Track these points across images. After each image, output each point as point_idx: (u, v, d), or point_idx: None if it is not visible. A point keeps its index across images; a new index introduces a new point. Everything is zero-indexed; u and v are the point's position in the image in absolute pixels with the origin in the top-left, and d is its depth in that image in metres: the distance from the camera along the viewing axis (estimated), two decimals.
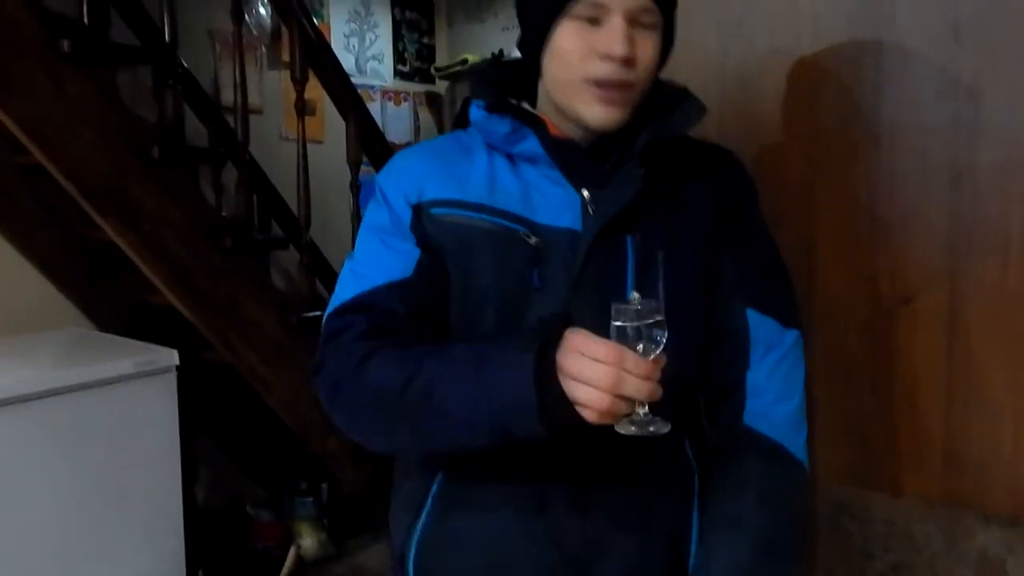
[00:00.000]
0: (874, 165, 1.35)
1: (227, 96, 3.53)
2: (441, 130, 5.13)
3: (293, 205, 3.10)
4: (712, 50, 1.52)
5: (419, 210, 1.05)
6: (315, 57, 2.80)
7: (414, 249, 1.04)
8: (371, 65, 4.80)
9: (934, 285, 1.31)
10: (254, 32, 3.98)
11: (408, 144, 4.90)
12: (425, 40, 5.13)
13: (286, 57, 3.34)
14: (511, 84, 1.11)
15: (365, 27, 4.76)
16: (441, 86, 5.17)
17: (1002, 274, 1.25)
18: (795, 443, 1.10)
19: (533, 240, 1.00)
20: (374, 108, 4.62)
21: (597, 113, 1.00)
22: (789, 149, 1.45)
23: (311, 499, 3.18)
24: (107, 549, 2.18)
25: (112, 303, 2.91)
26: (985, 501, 1.28)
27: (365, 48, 4.76)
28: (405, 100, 4.99)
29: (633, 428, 0.85)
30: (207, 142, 3.31)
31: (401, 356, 0.97)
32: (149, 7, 3.01)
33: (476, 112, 1.07)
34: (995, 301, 1.26)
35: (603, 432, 0.86)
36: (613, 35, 0.96)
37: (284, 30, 2.89)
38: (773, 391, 1.09)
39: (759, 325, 1.09)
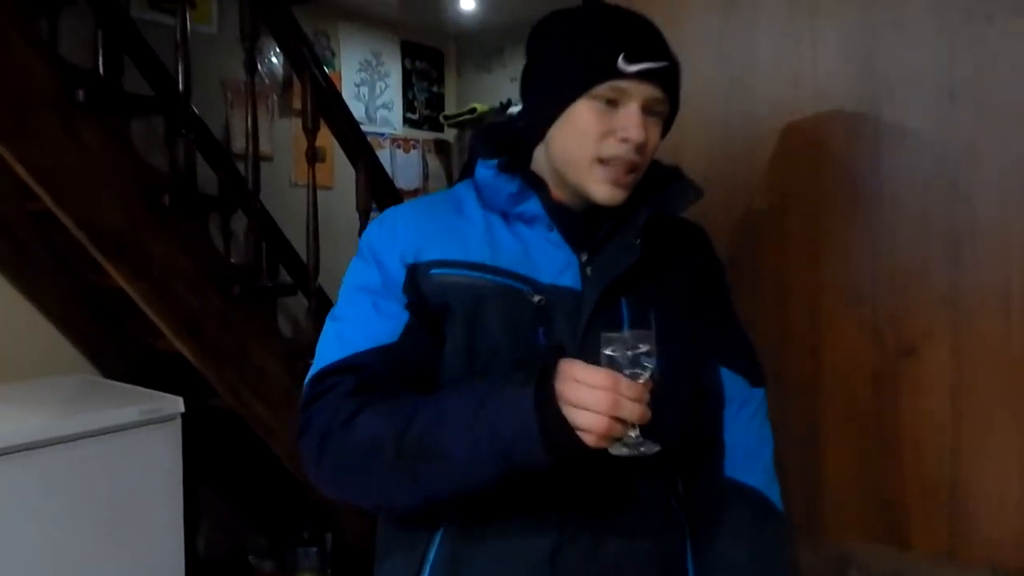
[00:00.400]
0: (876, 224, 1.38)
1: (238, 143, 3.56)
2: (450, 177, 5.18)
3: (302, 251, 3.11)
4: (717, 108, 1.55)
5: (415, 270, 1.05)
6: (327, 107, 2.83)
7: (403, 312, 1.04)
8: (381, 113, 4.85)
9: (937, 339, 1.33)
10: (266, 81, 4.04)
11: (417, 191, 4.94)
12: (434, 89, 5.20)
13: (297, 104, 3.37)
14: (511, 142, 1.13)
15: (375, 76, 4.82)
16: (450, 134, 5.24)
17: (1005, 329, 1.28)
18: (774, 494, 1.16)
19: (537, 299, 1.03)
20: (383, 155, 4.66)
21: (605, 192, 1.04)
22: (792, 207, 1.48)
23: (314, 549, 3.13)
24: None
25: (118, 349, 2.91)
26: (993, 555, 1.29)
27: (375, 96, 4.82)
28: (414, 147, 5.03)
29: (625, 449, 0.90)
30: (217, 189, 3.33)
31: (392, 406, 0.97)
32: (163, 56, 3.05)
33: (484, 171, 1.09)
34: (998, 357, 1.29)
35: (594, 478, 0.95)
36: (632, 120, 1.01)
37: (295, 79, 2.92)
38: (749, 444, 1.16)
39: (732, 383, 1.16)
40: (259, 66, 3.54)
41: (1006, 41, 1.26)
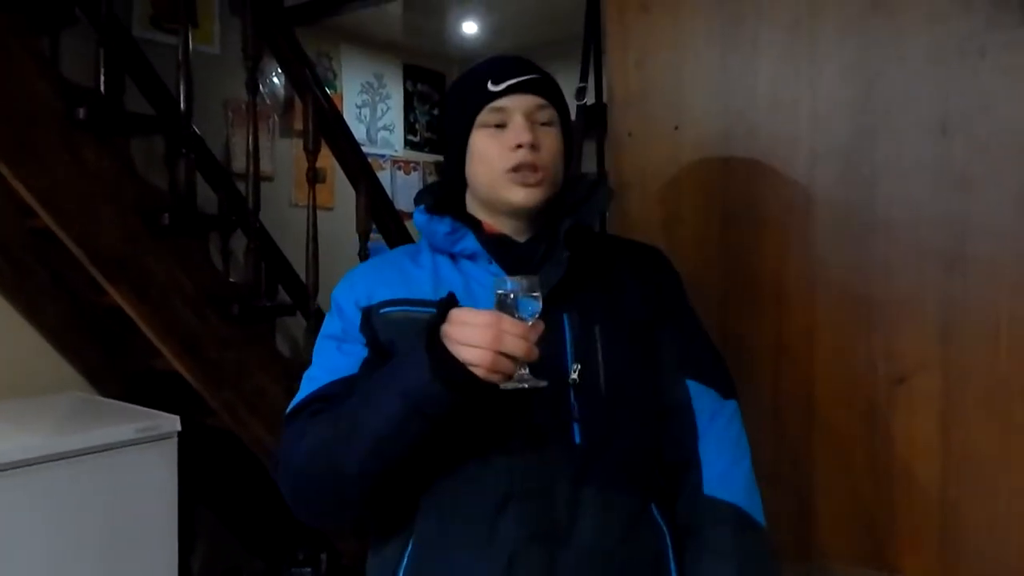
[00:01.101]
0: (870, 252, 1.40)
1: (239, 163, 3.58)
2: None
3: (301, 271, 3.12)
4: (716, 138, 1.57)
5: (368, 312, 1.15)
6: (328, 128, 2.85)
7: (362, 350, 1.15)
8: (382, 135, 4.88)
9: (928, 368, 1.36)
10: (267, 101, 4.06)
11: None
12: (435, 111, 5.22)
13: (298, 125, 3.39)
14: (450, 197, 1.24)
15: (377, 98, 4.85)
16: None
17: (994, 358, 1.30)
18: (754, 507, 1.17)
19: None
20: (384, 177, 4.68)
21: (520, 195, 1.14)
22: (789, 234, 1.49)
23: (309, 570, 3.11)
24: None
25: (115, 368, 2.90)
26: None
27: (376, 118, 4.84)
28: (415, 169, 5.05)
29: (514, 384, 0.97)
30: (217, 208, 3.34)
31: (333, 416, 1.07)
32: (165, 76, 3.07)
33: (419, 216, 1.20)
34: (987, 385, 1.32)
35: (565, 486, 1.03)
36: (517, 128, 1.13)
37: (297, 100, 2.94)
38: (724, 457, 1.17)
39: (700, 396, 1.19)
40: (261, 87, 3.56)
41: (998, 76, 1.29)
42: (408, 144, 5.04)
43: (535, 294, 0.98)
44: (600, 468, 1.09)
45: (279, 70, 3.98)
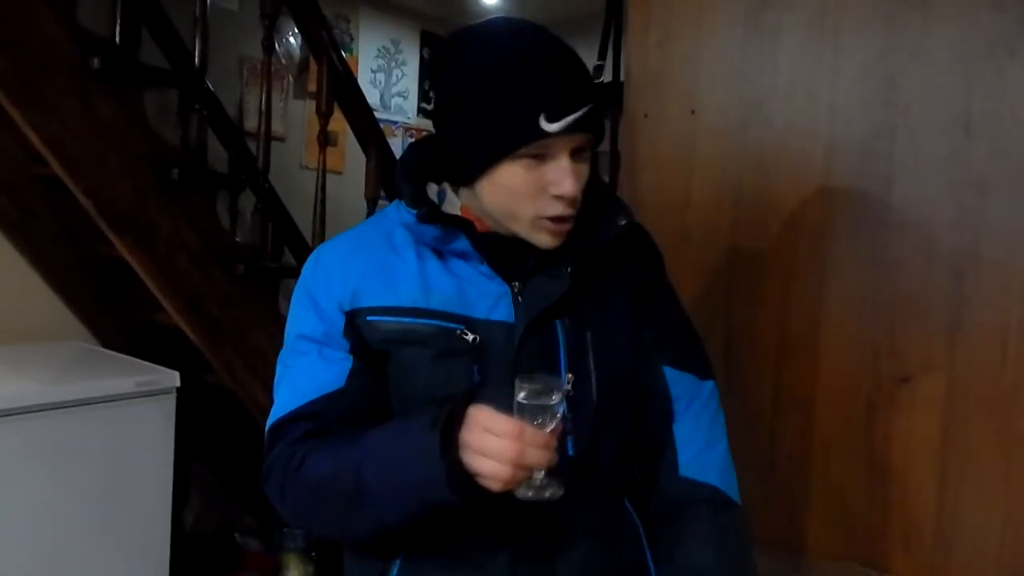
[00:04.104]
0: (882, 250, 1.39)
1: (251, 122, 3.56)
2: None
3: (307, 234, 3.11)
4: (732, 125, 1.55)
5: (353, 317, 1.07)
6: (342, 92, 2.83)
7: (347, 358, 1.08)
8: (396, 101, 4.85)
9: (933, 369, 1.34)
10: (283, 61, 4.03)
11: None
12: None
13: (312, 87, 3.37)
14: (432, 165, 1.12)
15: (393, 64, 4.81)
16: None
17: (999, 365, 1.29)
18: (730, 486, 1.16)
19: (471, 337, 1.05)
20: (395, 144, 4.65)
21: (546, 241, 1.05)
22: (801, 226, 1.48)
23: (300, 531, 3.13)
24: (90, 569, 2.14)
25: (117, 320, 2.91)
26: None
27: (391, 84, 4.81)
28: None
29: (530, 493, 0.93)
30: (227, 166, 3.32)
31: (334, 450, 1.02)
32: (181, 30, 3.05)
33: (405, 216, 1.07)
34: (991, 391, 1.31)
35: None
36: (563, 174, 1.00)
37: (312, 61, 2.91)
38: (700, 439, 1.16)
39: (678, 381, 1.16)
40: (277, 46, 3.54)
41: None
42: (421, 112, 5.01)
43: (556, 396, 0.93)
44: (590, 478, 1.08)
45: (296, 30, 3.94)
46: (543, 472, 0.93)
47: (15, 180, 2.59)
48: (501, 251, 1.08)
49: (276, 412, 1.10)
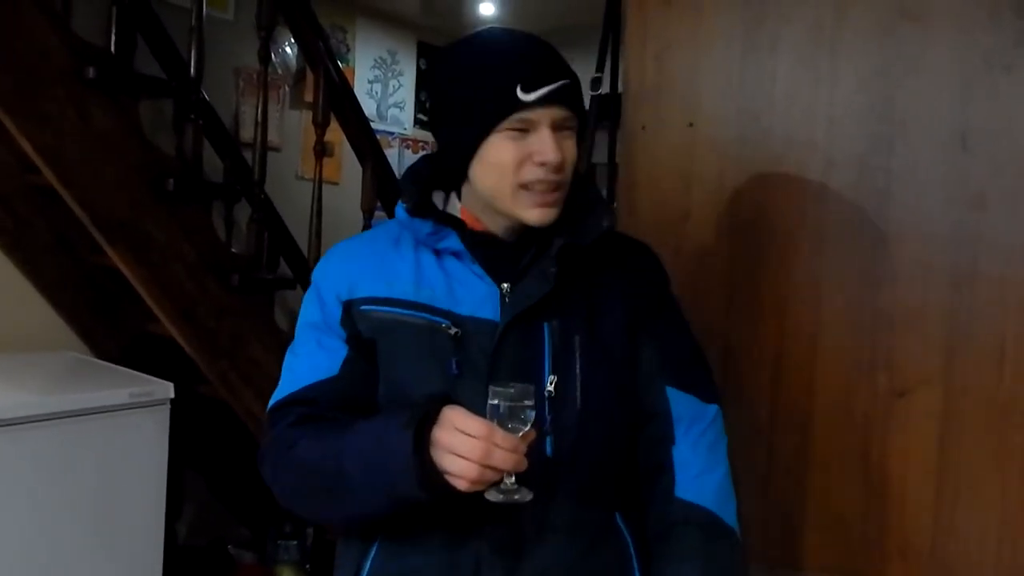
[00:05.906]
0: (878, 264, 1.39)
1: (247, 132, 3.56)
2: None
3: (303, 244, 3.10)
4: (730, 138, 1.56)
5: (349, 306, 1.14)
6: (338, 103, 2.83)
7: (342, 347, 1.14)
8: (392, 112, 4.85)
9: (930, 383, 1.35)
10: (279, 71, 4.03)
11: None
12: None
13: (308, 97, 3.37)
14: (442, 176, 1.18)
15: (389, 75, 4.82)
16: None
17: (996, 379, 1.30)
18: (727, 513, 1.15)
19: (453, 331, 1.09)
20: (392, 154, 4.65)
21: (534, 215, 1.09)
22: (798, 240, 1.48)
23: (295, 543, 3.12)
24: None
25: (111, 330, 2.89)
26: None
27: (388, 95, 4.82)
28: (424, 148, 5.03)
29: (500, 496, 0.97)
30: (222, 177, 3.32)
31: (321, 438, 1.08)
32: (177, 40, 3.04)
33: (401, 212, 1.15)
34: (988, 406, 1.32)
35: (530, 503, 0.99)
36: (545, 143, 1.05)
37: (308, 71, 2.92)
38: (699, 463, 1.15)
39: (680, 402, 1.17)
40: (273, 56, 3.54)
41: (1023, 92, 1.26)
42: (418, 123, 5.01)
43: (528, 403, 0.97)
44: (569, 480, 1.09)
45: (292, 40, 3.95)
46: (513, 476, 0.96)
47: (9, 189, 2.58)
48: (493, 251, 1.13)
49: (276, 395, 1.16)
